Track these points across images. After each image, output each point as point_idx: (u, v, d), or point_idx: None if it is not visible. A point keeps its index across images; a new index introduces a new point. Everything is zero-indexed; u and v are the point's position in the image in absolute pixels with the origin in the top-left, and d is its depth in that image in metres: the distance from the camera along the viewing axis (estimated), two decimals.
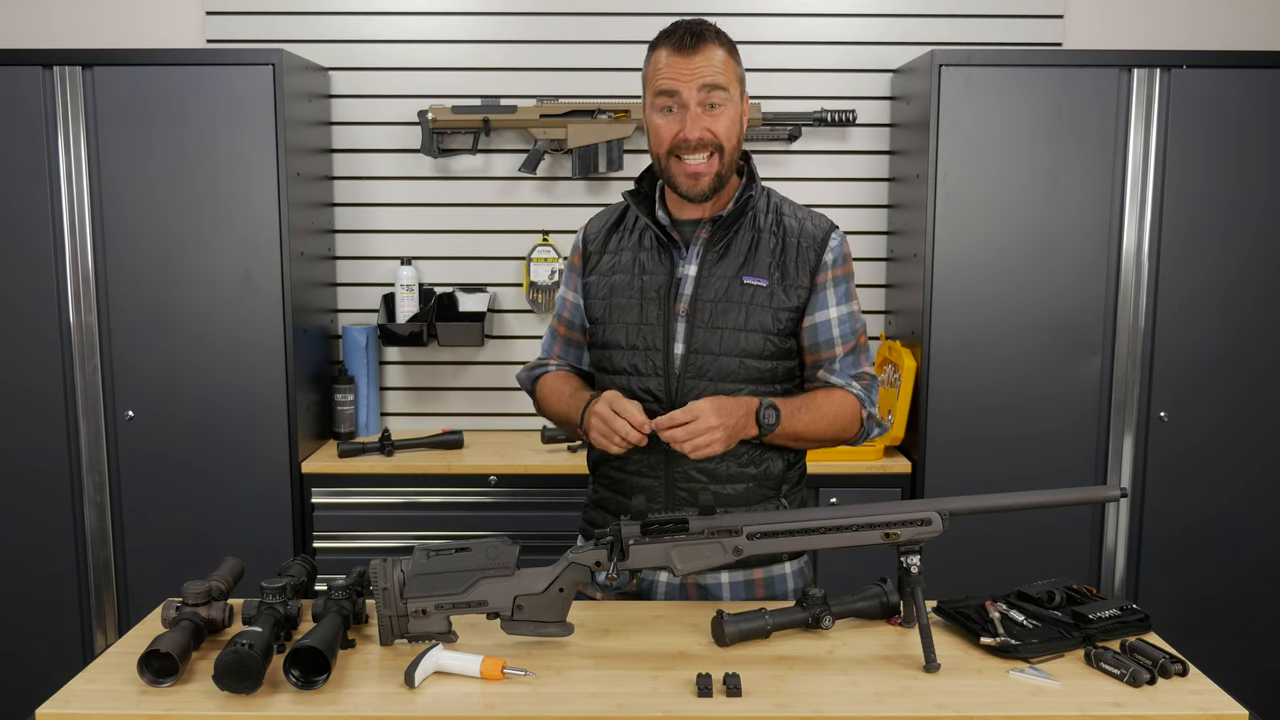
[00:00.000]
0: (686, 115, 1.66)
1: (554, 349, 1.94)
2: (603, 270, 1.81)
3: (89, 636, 2.88)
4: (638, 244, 1.79)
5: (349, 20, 3.11)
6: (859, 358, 1.81)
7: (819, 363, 1.79)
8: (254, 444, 2.81)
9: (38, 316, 2.78)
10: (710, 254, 1.75)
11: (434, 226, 3.17)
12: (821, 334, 1.77)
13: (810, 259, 1.76)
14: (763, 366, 1.74)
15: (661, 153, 1.70)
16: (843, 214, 3.17)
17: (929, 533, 1.50)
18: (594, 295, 1.81)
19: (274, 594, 1.54)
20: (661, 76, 1.67)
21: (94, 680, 1.44)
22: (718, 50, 1.67)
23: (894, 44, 3.12)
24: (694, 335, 1.72)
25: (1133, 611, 1.59)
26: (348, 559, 2.69)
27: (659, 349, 1.73)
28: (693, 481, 1.73)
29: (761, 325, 1.72)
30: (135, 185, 2.75)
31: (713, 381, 1.71)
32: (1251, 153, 2.78)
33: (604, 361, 1.80)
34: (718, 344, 1.71)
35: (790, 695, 1.39)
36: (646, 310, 1.74)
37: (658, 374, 1.73)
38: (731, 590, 1.78)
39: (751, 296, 1.73)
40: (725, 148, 1.69)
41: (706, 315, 1.72)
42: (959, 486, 2.75)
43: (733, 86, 1.69)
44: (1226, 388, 2.85)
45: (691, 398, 1.69)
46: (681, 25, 1.68)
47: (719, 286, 1.73)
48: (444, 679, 1.43)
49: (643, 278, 1.76)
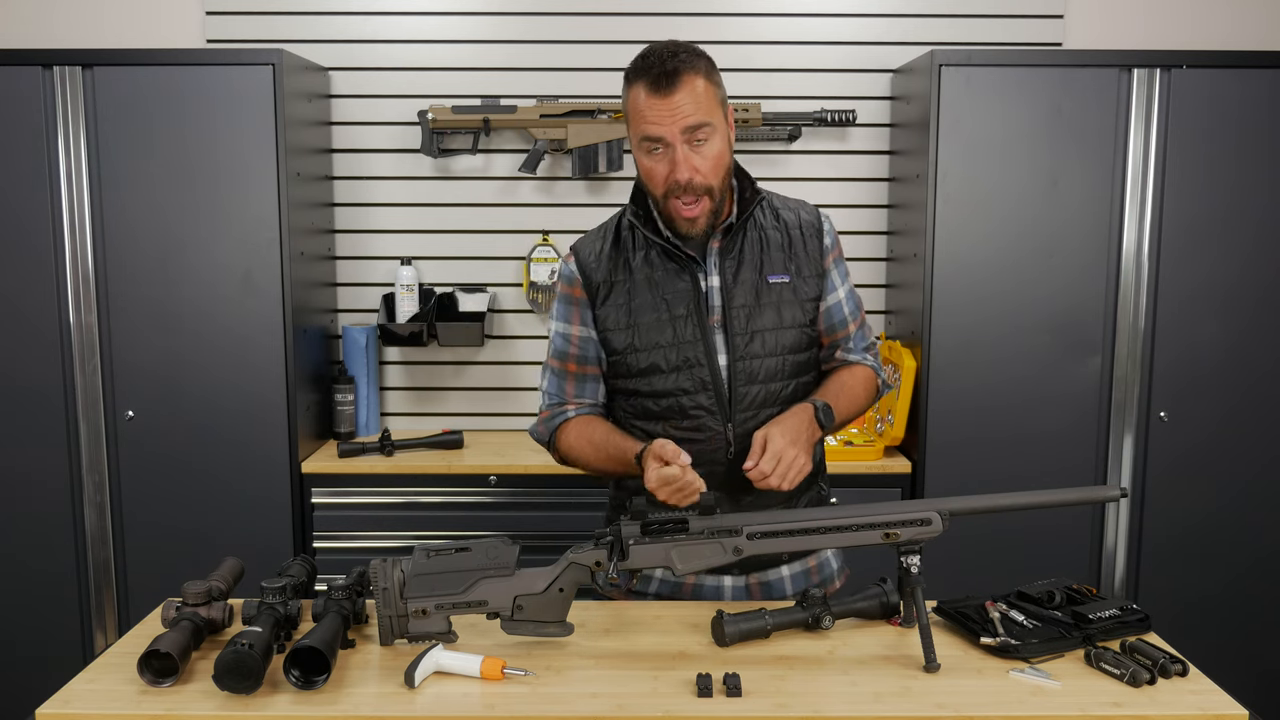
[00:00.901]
0: (675, 155, 1.63)
1: (567, 390, 1.84)
2: (618, 298, 1.76)
3: (89, 636, 2.88)
4: (646, 264, 1.76)
5: (349, 20, 3.11)
6: (865, 330, 1.89)
7: (836, 342, 1.85)
8: (254, 444, 2.81)
9: (38, 316, 2.78)
10: (728, 261, 1.75)
11: (434, 226, 3.17)
12: (835, 315, 1.83)
13: (815, 247, 1.81)
14: (801, 359, 1.78)
15: (657, 194, 1.68)
16: (843, 214, 3.17)
17: (929, 533, 1.50)
18: (613, 326, 1.76)
19: (274, 594, 1.54)
20: (644, 121, 1.63)
21: (94, 680, 1.44)
22: (696, 81, 1.63)
23: (894, 44, 3.12)
24: (734, 343, 1.72)
25: (1133, 611, 1.59)
26: (348, 559, 2.68)
27: (703, 364, 1.72)
28: (752, 493, 1.70)
29: (795, 320, 1.76)
30: (135, 185, 2.75)
31: (763, 384, 1.73)
32: (1251, 153, 2.78)
33: (643, 388, 1.76)
34: (760, 347, 1.73)
35: (790, 695, 1.39)
36: (680, 329, 1.72)
37: (707, 389, 1.72)
38: (734, 593, 1.80)
39: (780, 294, 1.76)
40: (715, 187, 1.68)
41: (743, 321, 1.73)
42: (959, 486, 2.75)
43: (715, 115, 1.65)
44: (1226, 387, 2.85)
45: (744, 404, 1.72)
46: (654, 60, 1.63)
47: (747, 292, 1.74)
48: (444, 679, 1.43)
49: (665, 298, 1.74)
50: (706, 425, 1.72)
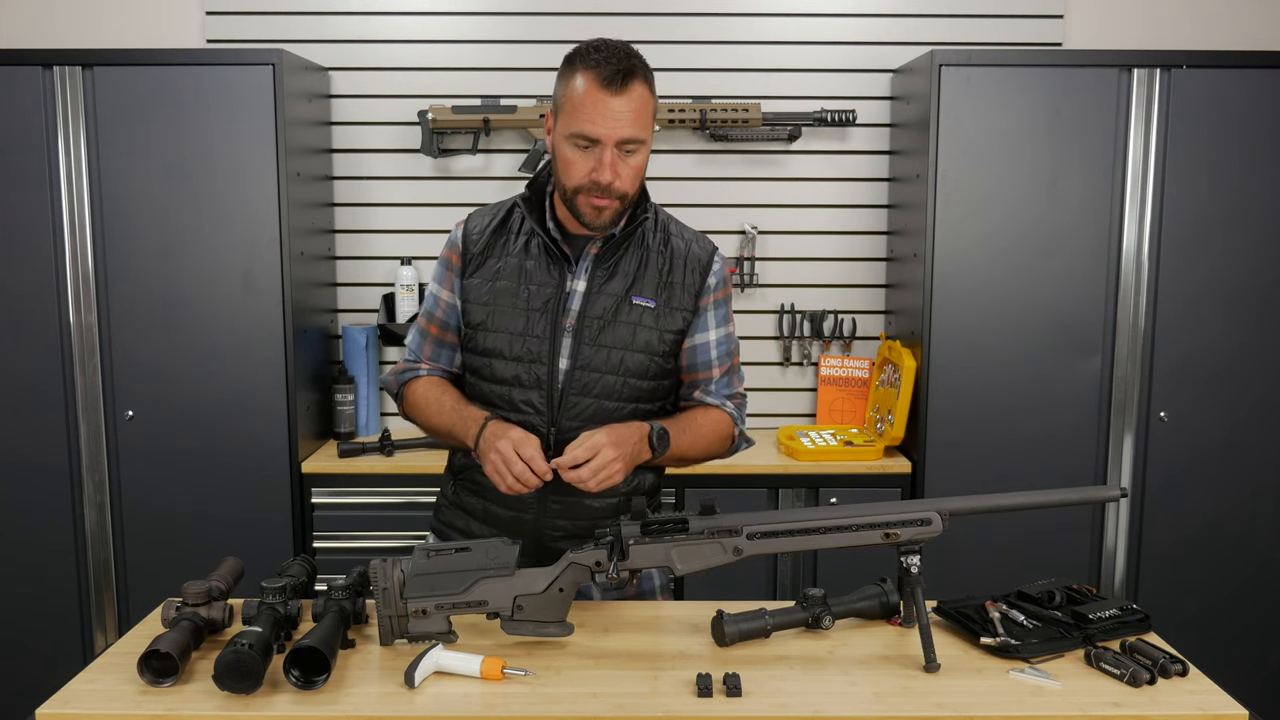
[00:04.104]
0: (603, 156, 1.62)
1: (424, 350, 1.86)
2: (485, 274, 1.76)
3: (89, 636, 2.88)
4: (524, 251, 1.76)
5: (349, 20, 3.11)
6: (733, 378, 1.86)
7: (696, 383, 1.82)
8: (254, 444, 2.81)
9: (38, 316, 2.78)
10: (600, 271, 1.74)
11: (434, 226, 3.17)
12: (700, 355, 1.80)
13: (695, 282, 1.78)
14: (645, 386, 1.75)
15: (570, 185, 1.66)
16: (843, 214, 3.18)
17: (929, 533, 1.51)
18: (474, 299, 1.76)
19: (274, 594, 1.54)
20: (585, 118, 1.60)
21: (94, 680, 1.44)
22: (644, 90, 1.63)
23: (894, 44, 3.12)
24: (580, 351, 1.71)
25: (1133, 611, 1.59)
26: (348, 559, 2.68)
27: (544, 363, 1.72)
28: (567, 495, 1.71)
29: (647, 346, 1.74)
30: (135, 185, 2.75)
31: (596, 399, 1.72)
32: (1251, 153, 2.78)
33: (483, 369, 1.76)
34: (603, 362, 1.72)
35: (790, 695, 1.39)
36: (533, 322, 1.72)
37: (540, 387, 1.72)
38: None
39: (640, 317, 1.73)
40: (630, 195, 1.68)
41: (594, 332, 1.72)
42: (959, 487, 2.75)
43: (649, 130, 1.66)
44: (1227, 388, 2.85)
45: (573, 414, 1.71)
46: (609, 55, 1.61)
47: (608, 305, 1.72)
48: (444, 679, 1.43)
49: (530, 287, 1.73)
50: (531, 423, 1.71)
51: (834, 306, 3.20)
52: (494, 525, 1.78)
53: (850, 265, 3.20)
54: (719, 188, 3.15)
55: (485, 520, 1.79)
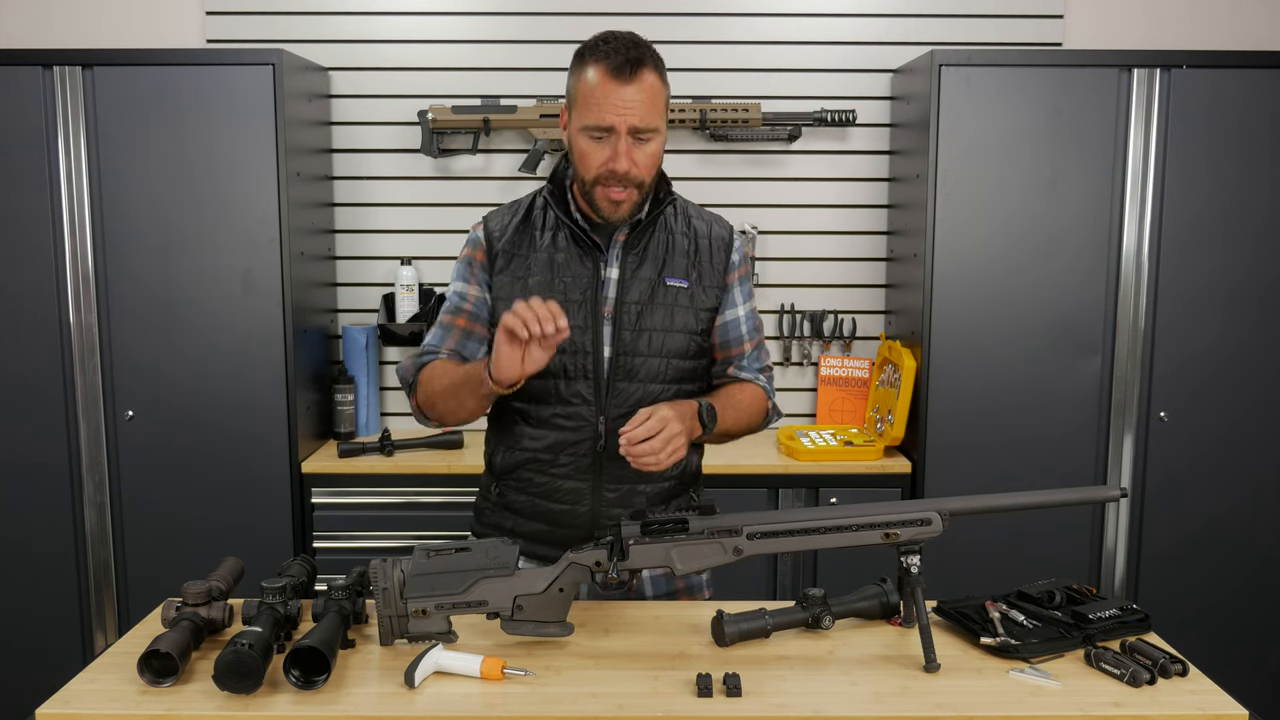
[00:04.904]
0: (618, 145, 1.63)
1: (447, 342, 1.79)
2: (515, 271, 1.75)
3: (89, 636, 2.88)
4: (552, 245, 1.76)
5: (349, 20, 3.11)
6: (761, 352, 1.88)
7: (729, 359, 1.85)
8: (254, 444, 2.81)
9: (38, 316, 2.78)
10: (630, 257, 1.75)
11: (434, 226, 3.17)
12: (732, 331, 1.83)
13: (721, 260, 1.81)
14: (686, 366, 1.77)
15: (588, 177, 1.67)
16: (843, 214, 3.18)
17: (929, 533, 1.50)
18: (504, 296, 1.74)
19: (274, 594, 1.54)
20: (598, 109, 1.62)
21: (94, 680, 1.44)
22: (654, 78, 1.64)
23: (894, 44, 3.12)
24: (621, 337, 1.72)
25: (1133, 611, 1.59)
26: (348, 559, 2.69)
27: (588, 352, 1.72)
28: (622, 483, 1.73)
29: (685, 326, 1.76)
30: (135, 185, 2.75)
31: (642, 383, 1.73)
32: (1251, 153, 2.78)
33: None
34: (645, 346, 1.73)
35: (790, 695, 1.39)
36: (572, 314, 1.71)
37: (587, 377, 1.72)
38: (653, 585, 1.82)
39: (675, 298, 1.76)
40: (647, 182, 1.69)
41: (632, 318, 1.73)
42: (959, 486, 2.75)
43: (662, 119, 1.67)
44: (1227, 388, 2.85)
45: (621, 399, 1.72)
46: (617, 45, 1.63)
47: (643, 289, 1.74)
48: (444, 679, 1.43)
49: (565, 279, 1.74)
50: (579, 414, 1.72)
51: (834, 306, 3.20)
52: (545, 521, 1.77)
53: (850, 265, 3.20)
54: (719, 188, 3.15)
55: (535, 517, 1.78)
